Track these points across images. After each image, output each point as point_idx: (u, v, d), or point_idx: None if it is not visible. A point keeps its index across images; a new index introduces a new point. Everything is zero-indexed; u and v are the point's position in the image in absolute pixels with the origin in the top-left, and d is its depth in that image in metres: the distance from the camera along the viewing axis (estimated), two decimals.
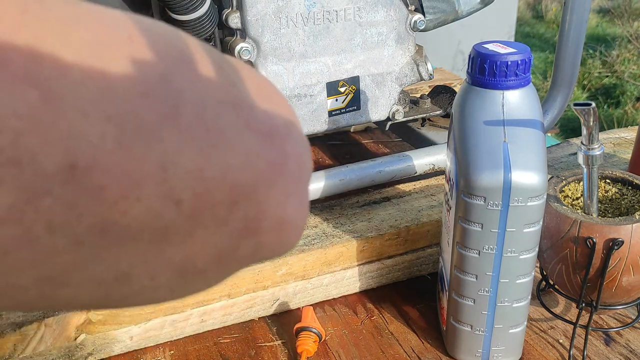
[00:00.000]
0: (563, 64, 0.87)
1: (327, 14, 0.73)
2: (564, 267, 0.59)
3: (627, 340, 0.63)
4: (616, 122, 4.14)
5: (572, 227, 0.57)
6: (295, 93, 0.74)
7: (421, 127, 0.98)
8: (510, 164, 0.50)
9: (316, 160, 1.01)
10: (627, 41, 5.04)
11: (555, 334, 0.65)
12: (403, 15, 0.77)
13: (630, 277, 0.57)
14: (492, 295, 0.56)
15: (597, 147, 0.55)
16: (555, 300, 0.70)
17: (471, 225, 0.53)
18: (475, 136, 0.52)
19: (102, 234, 0.17)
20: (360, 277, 0.72)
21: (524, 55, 0.51)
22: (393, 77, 0.80)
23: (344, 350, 0.64)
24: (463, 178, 0.52)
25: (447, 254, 0.59)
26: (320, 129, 0.78)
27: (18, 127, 0.15)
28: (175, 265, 0.20)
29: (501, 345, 0.59)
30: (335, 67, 0.76)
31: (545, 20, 6.46)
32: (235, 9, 0.69)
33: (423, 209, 0.76)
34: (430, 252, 0.74)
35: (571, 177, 0.65)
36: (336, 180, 0.77)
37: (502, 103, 0.51)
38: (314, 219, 0.74)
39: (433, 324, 0.67)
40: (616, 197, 0.63)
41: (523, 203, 0.51)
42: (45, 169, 0.15)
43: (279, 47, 0.72)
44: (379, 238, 0.71)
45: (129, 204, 0.17)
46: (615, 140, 0.99)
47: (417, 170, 0.81)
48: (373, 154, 1.03)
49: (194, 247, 0.19)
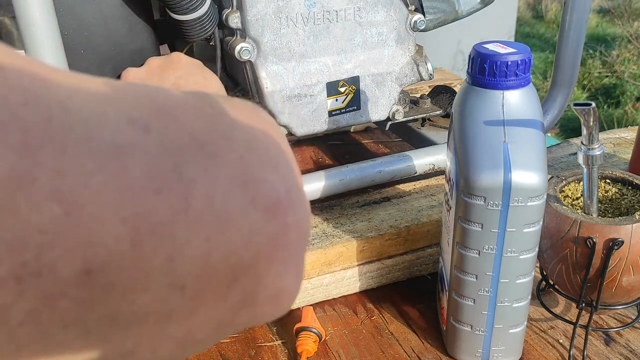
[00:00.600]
0: (563, 64, 0.87)
1: (327, 14, 0.73)
2: (564, 267, 0.59)
3: (627, 340, 0.63)
4: (616, 122, 4.14)
5: (572, 227, 0.57)
6: (295, 93, 0.74)
7: (421, 127, 0.98)
8: (510, 164, 0.50)
9: (316, 160, 1.01)
10: (627, 41, 5.04)
11: (555, 334, 0.65)
12: (403, 15, 0.77)
13: (630, 277, 0.57)
14: (492, 295, 0.56)
15: (597, 147, 0.55)
16: (555, 300, 0.70)
17: (471, 225, 0.53)
18: (475, 136, 0.52)
19: (110, 323, 0.18)
20: (360, 277, 0.72)
21: (524, 55, 0.51)
22: (393, 77, 0.79)
23: (344, 350, 0.64)
24: (463, 178, 0.52)
25: (447, 254, 0.59)
26: (320, 129, 0.78)
27: (41, 242, 0.16)
28: (177, 339, 0.21)
29: (501, 345, 0.59)
30: (335, 67, 0.76)
31: (545, 20, 6.45)
32: (235, 9, 0.69)
33: (423, 209, 0.76)
34: (430, 252, 0.74)
35: (571, 177, 0.65)
36: (336, 180, 0.77)
37: (502, 103, 0.51)
38: (314, 219, 0.74)
39: (433, 324, 0.67)
40: (616, 197, 0.63)
41: (523, 203, 0.51)
42: (63, 277, 0.16)
43: (279, 47, 0.72)
44: (379, 238, 0.71)
45: (137, 295, 0.18)
46: (615, 140, 0.99)
47: (417, 170, 0.81)
48: (373, 154, 1.03)
49: (194, 322, 0.21)
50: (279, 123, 0.75)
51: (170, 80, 0.57)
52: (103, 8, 0.64)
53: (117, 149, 0.18)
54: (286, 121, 0.75)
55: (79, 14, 0.63)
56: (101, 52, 0.65)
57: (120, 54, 0.66)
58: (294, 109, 0.75)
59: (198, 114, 0.21)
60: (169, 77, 0.57)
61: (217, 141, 0.21)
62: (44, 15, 0.52)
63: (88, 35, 0.64)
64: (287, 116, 0.75)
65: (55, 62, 0.54)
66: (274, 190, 0.22)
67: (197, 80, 0.57)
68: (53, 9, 0.53)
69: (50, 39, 0.53)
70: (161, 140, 0.19)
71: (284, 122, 0.75)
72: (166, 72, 0.58)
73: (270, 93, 0.73)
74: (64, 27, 0.60)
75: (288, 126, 0.75)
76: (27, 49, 0.53)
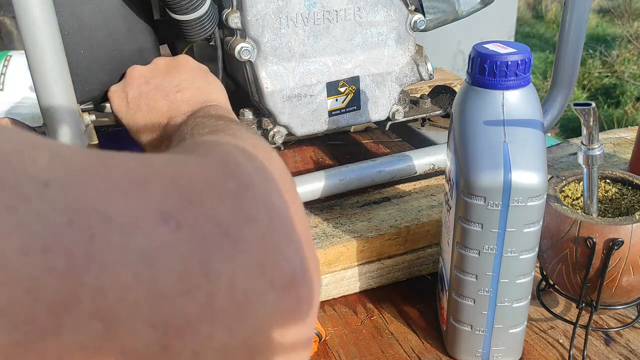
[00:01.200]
0: (563, 64, 0.87)
1: (327, 14, 0.73)
2: (564, 267, 0.59)
3: (627, 340, 0.63)
4: (616, 122, 4.14)
5: (572, 227, 0.57)
6: (295, 93, 0.74)
7: (421, 127, 0.98)
8: (510, 164, 0.50)
9: (316, 160, 1.01)
10: (627, 41, 5.04)
11: (555, 334, 0.65)
12: (403, 15, 0.77)
13: (630, 277, 0.57)
14: (492, 295, 0.56)
15: (597, 147, 0.55)
16: (555, 300, 0.70)
17: (471, 225, 0.53)
18: (475, 136, 0.52)
19: None
20: (360, 277, 0.72)
21: (524, 55, 0.51)
22: (393, 77, 0.79)
23: (344, 350, 0.64)
24: (463, 178, 0.52)
25: (447, 254, 0.59)
26: (320, 129, 0.78)
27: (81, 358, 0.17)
28: None
29: (501, 345, 0.59)
30: (335, 67, 0.76)
31: (545, 20, 6.45)
32: (235, 8, 0.69)
33: (423, 209, 0.76)
34: (430, 252, 0.74)
35: (571, 177, 0.65)
36: (336, 180, 0.77)
37: (502, 103, 0.51)
38: (314, 219, 0.74)
39: (433, 324, 0.67)
40: (616, 197, 0.63)
41: (523, 203, 0.51)
42: None
43: (279, 47, 0.72)
44: (379, 238, 0.71)
45: None
46: (615, 140, 0.99)
47: (417, 170, 0.81)
48: (373, 154, 1.03)
49: None
50: (279, 123, 0.75)
51: (174, 82, 0.57)
52: (103, 8, 0.64)
53: (150, 255, 0.19)
54: (286, 121, 0.75)
55: (79, 14, 0.63)
56: (101, 52, 0.65)
57: (120, 54, 0.66)
58: (294, 109, 0.75)
59: (222, 196, 0.23)
60: (173, 79, 0.57)
61: (242, 226, 0.22)
62: (44, 15, 0.52)
63: (88, 35, 0.64)
64: (287, 116, 0.75)
65: (55, 62, 0.54)
66: (292, 268, 0.24)
67: (201, 85, 0.57)
68: (53, 9, 0.53)
69: (50, 39, 0.53)
70: (190, 236, 0.20)
71: (284, 122, 0.75)
72: (171, 73, 0.58)
73: (270, 93, 0.73)
74: (64, 27, 0.60)
75: (288, 126, 0.75)
76: (27, 49, 0.53)
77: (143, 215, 0.20)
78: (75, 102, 0.58)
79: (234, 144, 0.31)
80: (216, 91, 0.58)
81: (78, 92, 0.62)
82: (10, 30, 1.96)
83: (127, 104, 0.58)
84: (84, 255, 0.17)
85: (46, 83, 0.55)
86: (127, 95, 0.58)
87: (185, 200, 0.21)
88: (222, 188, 0.23)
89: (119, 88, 0.60)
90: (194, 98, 0.54)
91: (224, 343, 0.20)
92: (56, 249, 0.17)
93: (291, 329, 0.24)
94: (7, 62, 1.25)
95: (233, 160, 0.26)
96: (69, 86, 0.56)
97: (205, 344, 0.20)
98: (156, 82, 0.57)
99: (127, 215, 0.19)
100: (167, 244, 0.20)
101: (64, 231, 0.17)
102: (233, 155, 0.27)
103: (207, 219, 0.21)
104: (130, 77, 0.60)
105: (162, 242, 0.19)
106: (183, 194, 0.21)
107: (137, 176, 0.21)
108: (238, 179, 0.24)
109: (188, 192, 0.22)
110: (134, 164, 0.22)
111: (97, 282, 0.17)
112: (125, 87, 0.59)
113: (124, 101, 0.58)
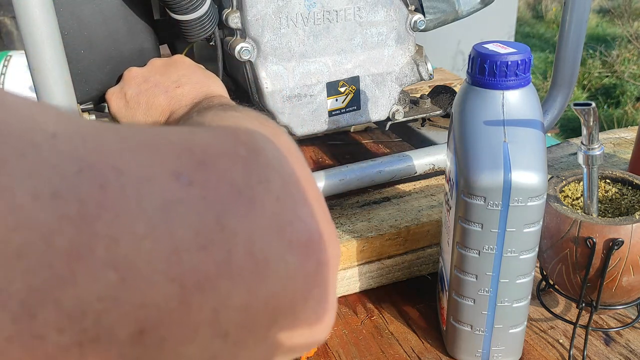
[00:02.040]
0: (563, 64, 0.87)
1: (327, 14, 0.73)
2: (564, 267, 0.59)
3: (627, 340, 0.63)
4: (616, 122, 4.14)
5: (572, 227, 0.57)
6: (295, 93, 0.74)
7: (421, 127, 0.98)
8: (510, 164, 0.50)
9: (316, 160, 1.01)
10: (627, 41, 5.04)
11: (555, 334, 0.65)
12: (403, 15, 0.77)
13: (630, 277, 0.57)
14: (492, 295, 0.56)
15: (597, 147, 0.55)
16: (555, 300, 0.70)
17: (471, 225, 0.53)
18: (475, 136, 0.52)
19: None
20: (360, 277, 0.72)
21: (524, 55, 0.51)
22: (393, 77, 0.79)
23: (344, 350, 0.64)
24: (463, 178, 0.52)
25: (447, 254, 0.59)
26: (320, 129, 0.78)
27: (100, 308, 0.17)
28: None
29: (501, 345, 0.59)
30: (335, 67, 0.76)
31: (545, 20, 6.45)
32: (235, 8, 0.69)
33: (423, 209, 0.76)
34: (430, 252, 0.74)
35: (571, 177, 0.65)
36: (336, 180, 0.77)
37: (502, 103, 0.51)
38: None
39: (433, 324, 0.67)
40: (616, 197, 0.63)
41: (523, 203, 0.51)
42: (119, 339, 0.17)
43: (279, 47, 0.72)
44: (379, 238, 0.71)
45: (185, 347, 0.19)
46: (615, 140, 0.99)
47: (417, 170, 0.81)
48: (373, 154, 1.03)
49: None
50: (279, 123, 0.75)
51: (173, 78, 0.57)
52: (103, 8, 0.64)
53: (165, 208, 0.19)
54: (286, 121, 0.75)
55: (79, 14, 0.63)
56: (101, 52, 0.65)
57: (120, 54, 0.66)
58: (294, 109, 0.75)
59: (234, 160, 0.23)
60: (172, 76, 0.57)
61: (255, 186, 0.22)
62: (44, 15, 0.52)
63: (88, 35, 0.64)
64: (287, 116, 0.75)
65: (55, 62, 0.54)
66: (308, 229, 0.23)
67: (200, 80, 0.57)
68: (53, 9, 0.53)
69: (50, 39, 0.53)
70: (204, 193, 0.20)
71: (284, 122, 0.75)
72: (169, 71, 0.58)
73: (270, 93, 0.73)
74: (64, 27, 0.60)
75: (288, 126, 0.75)
76: (27, 49, 0.53)
77: (156, 170, 0.19)
78: (75, 102, 0.58)
79: (242, 117, 0.31)
80: (215, 85, 0.58)
81: (78, 92, 0.62)
82: (10, 30, 1.96)
83: (126, 103, 0.58)
84: (96, 203, 0.17)
85: (46, 83, 0.55)
86: (126, 95, 0.58)
87: (197, 163, 0.21)
88: (234, 153, 0.23)
89: (116, 89, 0.60)
90: (194, 92, 0.54)
91: (245, 302, 0.20)
92: (68, 196, 0.17)
93: (314, 292, 0.23)
94: (7, 62, 1.25)
95: (243, 129, 0.26)
96: (69, 86, 0.56)
97: (224, 302, 0.20)
98: (155, 80, 0.57)
99: (140, 170, 0.19)
100: (182, 199, 0.19)
101: (74, 178, 0.17)
102: (243, 125, 0.27)
103: (220, 179, 0.21)
104: (127, 77, 0.60)
105: (177, 196, 0.19)
106: (195, 157, 0.21)
107: (149, 140, 0.21)
108: (248, 145, 0.24)
109: (200, 156, 0.22)
110: (146, 130, 0.22)
111: (109, 230, 0.17)
112: (123, 88, 0.59)
113: (122, 101, 0.58)
